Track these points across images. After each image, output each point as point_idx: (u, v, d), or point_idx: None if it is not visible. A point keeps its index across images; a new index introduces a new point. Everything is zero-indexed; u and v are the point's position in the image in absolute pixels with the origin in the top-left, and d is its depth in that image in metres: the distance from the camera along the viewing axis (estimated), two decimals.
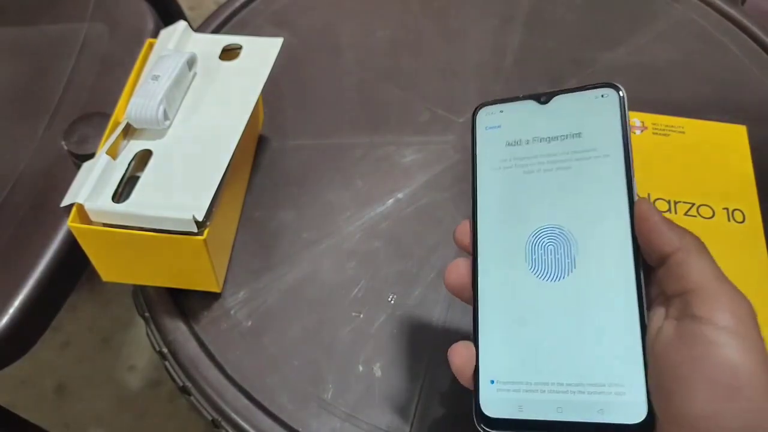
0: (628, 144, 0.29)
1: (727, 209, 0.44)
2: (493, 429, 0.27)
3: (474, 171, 0.32)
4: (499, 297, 0.29)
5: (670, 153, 0.47)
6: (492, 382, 0.28)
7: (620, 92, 0.30)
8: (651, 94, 0.53)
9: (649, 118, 0.49)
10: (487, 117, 0.32)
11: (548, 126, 0.31)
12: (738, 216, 0.44)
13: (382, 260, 0.45)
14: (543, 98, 0.31)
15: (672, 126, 0.49)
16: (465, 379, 0.29)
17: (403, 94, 0.54)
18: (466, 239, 0.31)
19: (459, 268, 0.30)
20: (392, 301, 0.43)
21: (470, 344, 0.29)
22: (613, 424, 0.25)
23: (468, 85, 0.54)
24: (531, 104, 0.31)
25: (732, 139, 0.48)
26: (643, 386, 0.25)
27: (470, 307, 0.36)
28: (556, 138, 0.30)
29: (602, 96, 0.30)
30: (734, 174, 0.46)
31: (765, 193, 0.45)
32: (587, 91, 0.30)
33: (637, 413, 0.25)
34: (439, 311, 0.43)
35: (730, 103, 0.52)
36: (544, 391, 0.27)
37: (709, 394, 0.23)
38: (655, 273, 0.27)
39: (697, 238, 0.26)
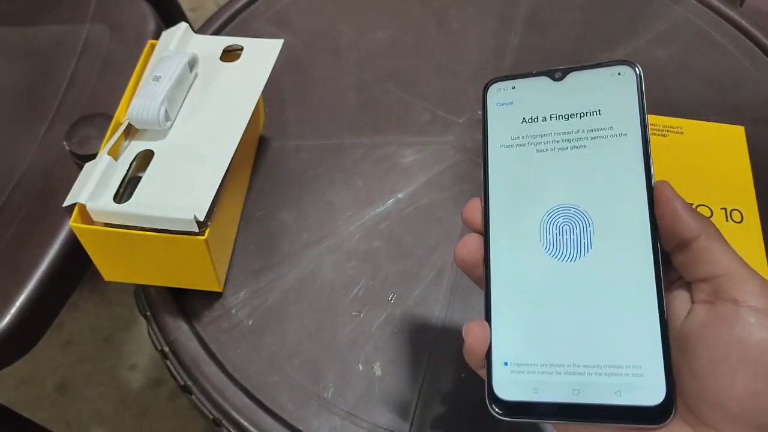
0: (645, 123, 0.28)
1: (725, 209, 0.44)
2: (506, 412, 0.27)
3: (485, 148, 0.31)
4: (512, 277, 0.28)
5: (668, 153, 0.47)
6: (506, 363, 0.27)
7: (637, 69, 0.29)
8: (649, 95, 0.53)
9: (648, 118, 0.49)
10: (498, 93, 0.31)
11: (563, 103, 0.30)
12: (736, 216, 0.44)
13: (382, 260, 0.45)
14: (557, 74, 0.30)
15: (670, 127, 0.49)
16: (476, 360, 0.28)
17: (403, 94, 0.54)
18: (476, 218, 0.30)
19: (469, 243, 0.29)
20: (392, 301, 0.43)
21: (485, 324, 0.28)
22: (632, 406, 0.25)
23: (468, 85, 0.55)
24: (545, 81, 0.30)
25: (730, 140, 0.48)
26: (661, 367, 0.25)
27: (470, 305, 0.36)
28: (571, 115, 0.29)
29: (618, 74, 0.29)
30: (732, 174, 0.46)
31: (763, 193, 0.45)
32: (603, 68, 0.30)
33: (655, 395, 0.25)
34: (439, 311, 0.43)
35: (729, 104, 0.53)
36: (560, 373, 0.26)
37: (751, 375, 0.23)
38: (673, 257, 0.27)
39: (714, 224, 0.26)
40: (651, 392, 0.25)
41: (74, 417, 0.96)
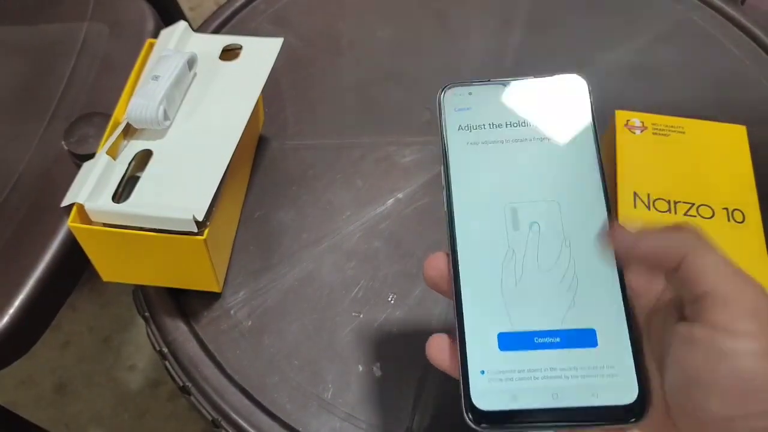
0: (597, 132, 0.30)
1: (726, 209, 0.44)
2: (486, 422, 0.26)
3: (445, 153, 0.31)
4: (483, 283, 0.29)
5: (670, 153, 0.47)
6: (483, 372, 0.27)
7: (586, 82, 0.31)
8: (651, 94, 0.53)
9: (649, 118, 0.49)
10: (455, 98, 0.32)
11: (519, 111, 0.31)
12: (738, 216, 0.44)
13: (382, 260, 0.45)
14: (513, 83, 0.32)
15: (672, 126, 0.48)
16: (450, 369, 0.29)
17: (403, 94, 0.54)
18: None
19: (436, 262, 0.30)
20: (392, 301, 0.43)
21: (443, 335, 0.29)
22: (608, 407, 0.26)
23: None
24: (500, 88, 0.32)
25: (732, 140, 0.48)
26: (632, 366, 0.26)
27: None
28: (527, 123, 0.31)
29: (569, 86, 0.31)
30: (734, 174, 0.46)
31: (765, 193, 0.45)
32: (555, 79, 0.31)
33: (629, 394, 0.26)
34: (439, 311, 0.43)
35: (730, 103, 0.53)
36: (537, 378, 0.27)
37: (723, 402, 0.23)
38: (665, 277, 0.26)
39: (695, 231, 0.25)
40: (625, 391, 0.26)
41: (73, 418, 0.96)
